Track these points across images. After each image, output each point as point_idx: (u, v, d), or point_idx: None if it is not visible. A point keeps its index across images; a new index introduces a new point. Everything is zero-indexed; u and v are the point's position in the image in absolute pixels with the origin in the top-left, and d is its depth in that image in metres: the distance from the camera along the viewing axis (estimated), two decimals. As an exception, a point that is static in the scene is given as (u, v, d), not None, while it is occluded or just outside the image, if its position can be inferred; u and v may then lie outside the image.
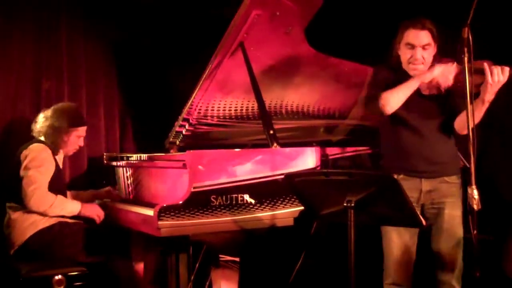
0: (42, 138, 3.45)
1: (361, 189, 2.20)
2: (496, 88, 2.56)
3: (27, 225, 3.25)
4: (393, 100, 2.75)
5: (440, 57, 2.80)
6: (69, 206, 3.34)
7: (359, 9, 4.50)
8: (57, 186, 3.35)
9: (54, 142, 3.43)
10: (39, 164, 3.29)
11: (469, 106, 2.36)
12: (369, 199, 2.20)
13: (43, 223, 3.26)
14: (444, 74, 2.65)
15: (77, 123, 3.52)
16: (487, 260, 3.09)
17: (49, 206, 3.23)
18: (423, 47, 2.77)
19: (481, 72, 2.52)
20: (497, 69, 2.53)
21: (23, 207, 3.26)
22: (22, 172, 3.27)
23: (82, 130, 3.55)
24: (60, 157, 3.54)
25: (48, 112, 3.50)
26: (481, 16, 2.36)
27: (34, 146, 3.36)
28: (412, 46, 2.79)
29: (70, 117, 3.49)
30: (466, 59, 2.35)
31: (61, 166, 3.52)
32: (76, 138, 3.52)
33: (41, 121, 3.47)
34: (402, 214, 2.25)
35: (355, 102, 4.14)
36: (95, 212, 3.43)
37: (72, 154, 3.69)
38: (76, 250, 3.31)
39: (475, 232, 2.36)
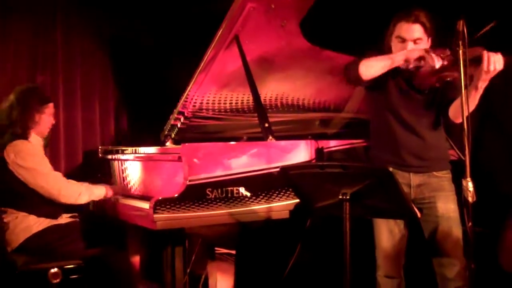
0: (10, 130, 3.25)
1: (356, 182, 2.20)
2: (491, 75, 2.47)
3: (19, 230, 3.18)
4: (371, 66, 2.67)
5: (434, 48, 2.70)
6: (96, 191, 3.33)
7: (355, 2, 4.49)
8: None
9: (26, 126, 3.25)
10: (42, 158, 3.24)
11: (464, 99, 2.33)
12: (364, 192, 2.20)
13: (36, 227, 3.19)
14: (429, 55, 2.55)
15: (46, 99, 3.41)
16: (483, 253, 3.10)
17: (78, 195, 3.23)
18: (414, 41, 2.69)
19: (477, 61, 2.45)
20: (494, 57, 2.43)
21: (13, 211, 3.20)
22: (28, 176, 3.15)
23: (51, 107, 3.42)
24: (37, 142, 3.35)
25: (12, 97, 3.30)
26: (478, 9, 2.35)
27: (20, 142, 3.19)
28: (403, 40, 2.70)
29: (39, 95, 3.38)
30: (461, 52, 2.34)
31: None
32: (48, 116, 3.38)
33: (8, 109, 3.26)
34: (397, 207, 2.26)
35: (350, 95, 4.15)
36: (116, 191, 3.47)
37: (49, 142, 3.60)
38: (73, 248, 3.23)
39: (470, 224, 2.36)
